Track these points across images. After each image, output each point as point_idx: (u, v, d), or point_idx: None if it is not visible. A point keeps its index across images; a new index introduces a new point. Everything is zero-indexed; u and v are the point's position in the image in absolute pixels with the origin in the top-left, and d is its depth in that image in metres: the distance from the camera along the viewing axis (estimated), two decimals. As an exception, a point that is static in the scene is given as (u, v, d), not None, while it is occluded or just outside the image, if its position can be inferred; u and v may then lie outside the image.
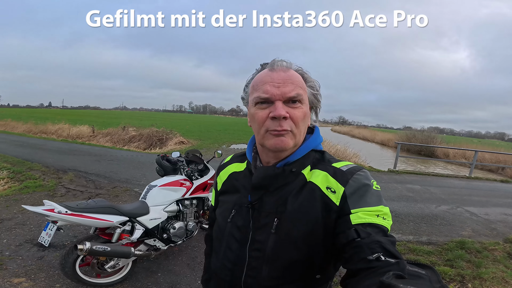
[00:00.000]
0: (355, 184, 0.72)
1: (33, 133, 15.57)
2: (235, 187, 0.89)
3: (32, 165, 6.92)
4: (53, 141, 12.44)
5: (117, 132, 14.24)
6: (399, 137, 25.03)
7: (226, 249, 0.83)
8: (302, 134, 0.78)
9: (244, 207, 0.82)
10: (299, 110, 0.74)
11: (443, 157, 16.99)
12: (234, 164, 0.95)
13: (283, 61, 0.78)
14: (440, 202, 5.97)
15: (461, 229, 4.46)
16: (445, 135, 46.07)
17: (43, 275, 2.59)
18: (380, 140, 29.46)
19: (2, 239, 3.20)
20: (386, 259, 0.58)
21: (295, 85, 0.74)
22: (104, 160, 8.25)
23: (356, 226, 0.66)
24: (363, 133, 36.98)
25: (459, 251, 3.58)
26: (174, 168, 3.19)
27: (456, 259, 3.38)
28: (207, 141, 14.68)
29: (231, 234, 0.83)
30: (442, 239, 4.01)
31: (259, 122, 0.75)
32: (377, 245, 0.61)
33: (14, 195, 4.91)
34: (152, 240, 2.61)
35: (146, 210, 2.59)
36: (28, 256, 2.87)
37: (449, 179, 8.95)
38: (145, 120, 25.28)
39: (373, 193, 0.72)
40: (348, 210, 0.69)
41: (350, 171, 0.75)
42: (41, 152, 8.97)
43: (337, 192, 0.72)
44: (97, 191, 5.35)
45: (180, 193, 2.88)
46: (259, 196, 0.79)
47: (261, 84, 0.75)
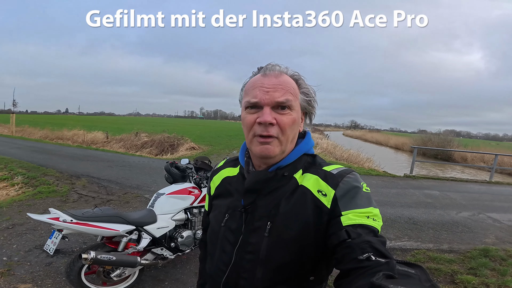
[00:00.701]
0: (345, 187, 0.73)
1: (49, 139, 15.97)
2: (228, 191, 0.90)
3: (46, 171, 7.03)
4: (68, 147, 12.69)
5: (130, 138, 14.45)
6: (413, 141, 24.47)
7: (221, 252, 0.84)
8: (289, 141, 0.78)
9: (237, 211, 0.82)
10: (287, 116, 0.75)
11: (460, 161, 16.45)
12: (227, 168, 0.96)
13: (277, 65, 0.79)
14: (461, 208, 5.72)
15: (484, 236, 4.25)
16: (462, 138, 44.71)
17: (50, 281, 2.56)
18: (394, 144, 28.95)
19: (12, 245, 3.20)
20: (377, 258, 0.59)
21: (285, 90, 0.75)
22: (116, 166, 8.32)
23: (347, 227, 0.67)
24: (376, 137, 36.37)
25: (483, 259, 3.41)
26: (183, 175, 3.13)
27: (479, 267, 3.22)
28: (218, 147, 14.67)
29: (225, 237, 0.83)
30: (464, 247, 3.82)
31: (247, 126, 0.77)
32: (367, 245, 0.62)
33: (27, 200, 4.98)
34: (159, 249, 2.54)
35: (153, 219, 2.52)
36: (36, 262, 2.85)
37: (468, 184, 8.60)
38: (157, 126, 25.59)
39: (363, 195, 0.73)
40: (339, 212, 0.70)
41: (340, 174, 0.76)
42: (56, 157, 9.14)
43: (328, 195, 0.73)
44: (108, 197, 5.36)
45: (188, 201, 2.81)
46: (252, 200, 0.80)
47: (252, 88, 0.76)
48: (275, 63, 0.79)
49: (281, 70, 0.78)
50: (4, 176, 6.50)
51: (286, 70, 0.79)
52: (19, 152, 9.95)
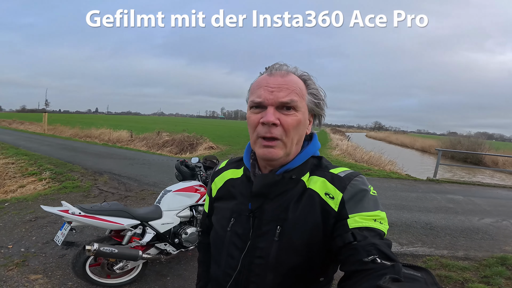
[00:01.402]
0: (353, 190, 0.72)
1: (78, 137, 16.86)
2: (231, 194, 0.88)
3: (73, 167, 7.44)
4: (94, 144, 13.35)
5: (152, 137, 14.92)
6: (442, 143, 23.37)
7: (228, 257, 0.83)
8: (294, 143, 0.76)
9: (244, 215, 0.81)
10: (292, 117, 0.73)
11: (491, 165, 15.49)
12: (230, 170, 0.94)
13: (285, 65, 0.78)
14: (484, 215, 5.41)
15: (504, 244, 4.01)
16: (494, 141, 42.10)
17: (60, 273, 2.71)
18: (421, 147, 27.81)
19: (32, 236, 3.43)
20: (382, 261, 0.58)
21: (290, 90, 0.73)
22: (137, 163, 8.65)
23: (353, 230, 0.67)
24: (401, 139, 35.09)
25: (499, 267, 3.22)
26: (192, 173, 3.21)
27: (494, 276, 3.04)
28: (236, 147, 14.79)
29: (231, 242, 0.82)
30: (481, 254, 3.62)
31: (251, 126, 0.76)
32: (372, 247, 0.61)
33: (53, 194, 5.31)
34: (163, 244, 2.63)
35: (158, 215, 2.62)
36: (51, 254, 3.03)
37: (496, 189, 8.10)
38: (179, 126, 26.22)
39: (370, 198, 0.72)
40: (346, 215, 0.70)
41: (348, 177, 0.75)
42: (83, 155, 9.65)
43: (336, 198, 0.73)
44: (126, 193, 5.59)
45: (194, 199, 2.88)
46: (260, 204, 0.79)
47: (257, 88, 0.76)
48: (282, 63, 0.78)
49: (289, 70, 0.77)
50: (33, 172, 6.96)
51: (294, 70, 0.78)
52: (49, 149, 10.60)
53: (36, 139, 14.04)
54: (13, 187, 6.13)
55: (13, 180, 6.64)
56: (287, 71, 0.77)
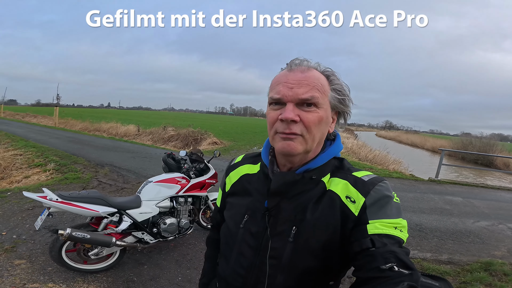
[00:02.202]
0: (376, 195, 0.70)
1: (88, 130, 17.26)
2: (246, 190, 0.86)
3: (77, 159, 7.66)
4: (102, 138, 13.67)
5: (158, 131, 15.14)
6: (453, 144, 22.84)
7: (239, 255, 0.81)
8: (315, 140, 0.73)
9: (259, 212, 0.79)
10: (312, 114, 0.70)
11: (503, 167, 15.06)
12: (246, 165, 0.91)
13: (305, 60, 0.74)
14: (481, 217, 5.30)
15: (494, 249, 3.91)
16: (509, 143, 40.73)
17: (43, 258, 2.82)
18: (431, 147, 27.20)
19: (26, 224, 3.58)
20: (400, 269, 0.57)
21: (311, 86, 0.70)
22: (139, 157, 8.83)
23: (372, 236, 0.65)
24: (411, 138, 34.44)
25: (481, 273, 3.14)
26: (178, 166, 3.29)
27: (473, 281, 2.97)
28: (240, 142, 14.87)
29: (244, 240, 0.80)
30: (466, 258, 3.55)
31: (270, 123, 0.74)
32: (391, 255, 0.60)
33: (54, 185, 5.51)
34: (140, 233, 2.72)
35: (137, 204, 2.71)
36: (39, 241, 3.16)
37: (500, 192, 7.90)
38: (187, 121, 26.47)
39: (393, 205, 0.70)
40: (365, 220, 0.68)
41: (372, 181, 0.73)
42: (88, 148, 9.91)
43: (357, 202, 0.71)
44: (123, 185, 5.75)
45: (174, 190, 2.97)
46: (277, 202, 0.77)
47: (276, 84, 0.73)
48: (303, 58, 0.75)
49: (310, 65, 0.74)
50: (39, 163, 7.21)
51: (316, 66, 0.75)
52: (57, 141, 10.92)
53: (46, 132, 14.45)
54: (18, 178, 6.39)
55: (20, 171, 6.91)
56: (308, 66, 0.73)
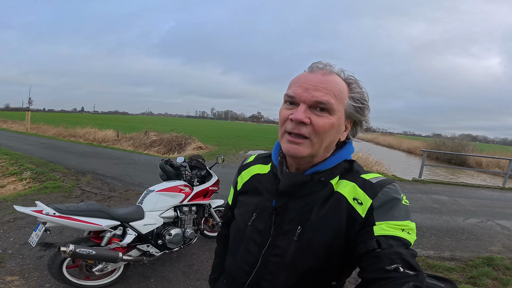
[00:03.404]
0: (384, 197, 0.69)
1: (62, 136, 16.37)
2: (257, 189, 0.87)
3: (55, 167, 7.20)
4: (79, 144, 12.98)
5: (139, 136, 14.65)
6: (427, 144, 23.88)
7: (245, 252, 0.82)
8: (322, 146, 0.73)
9: (267, 211, 0.80)
10: (324, 119, 0.70)
11: (475, 166, 15.87)
12: (257, 165, 0.93)
13: (328, 65, 0.74)
14: (469, 215, 5.51)
15: (490, 244, 4.07)
16: (478, 143, 43.34)
17: (37, 274, 2.59)
18: (407, 148, 28.29)
19: (9, 238, 3.26)
20: (405, 270, 0.57)
21: (328, 91, 0.69)
22: (123, 163, 8.44)
23: (378, 237, 0.64)
24: (388, 140, 35.68)
25: (485, 268, 3.26)
26: (177, 173, 3.12)
27: (480, 276, 3.07)
28: (226, 147, 14.69)
29: (251, 237, 0.82)
30: (467, 254, 3.66)
31: (281, 121, 0.74)
32: (397, 256, 0.59)
33: (33, 195, 5.10)
34: (145, 246, 2.53)
35: (140, 215, 2.52)
36: (28, 255, 2.89)
37: (480, 190, 8.30)
38: (167, 126, 25.90)
39: (401, 208, 0.69)
40: (372, 222, 0.68)
41: (380, 183, 0.72)
42: (66, 154, 9.36)
43: (364, 204, 0.70)
44: (110, 193, 5.43)
45: (178, 199, 2.80)
46: (284, 202, 0.78)
47: (294, 83, 0.73)
48: (327, 62, 0.74)
49: (332, 70, 0.73)
50: (14, 171, 6.70)
51: (339, 72, 0.74)
52: (31, 148, 10.24)
53: (18, 138, 13.56)
54: (-8, 187, 5.88)
55: (-8, 180, 6.38)
56: (330, 71, 0.73)
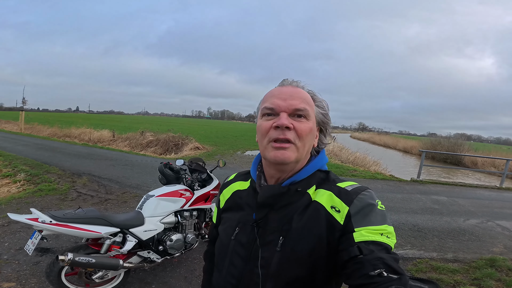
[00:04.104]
0: (360, 204, 0.71)
1: (57, 136, 16.16)
2: (238, 205, 0.89)
3: (49, 168, 7.08)
4: (74, 144, 12.81)
5: (136, 136, 14.49)
6: (423, 144, 24.00)
7: (230, 265, 0.82)
8: (306, 150, 0.77)
9: (248, 224, 0.82)
10: (304, 124, 0.75)
11: (471, 165, 15.99)
12: (237, 182, 0.96)
13: (295, 81, 0.82)
14: (469, 216, 5.51)
15: (492, 245, 4.06)
16: (472, 142, 43.74)
17: (35, 280, 2.52)
18: (403, 147, 28.45)
19: (4, 243, 3.17)
20: (389, 275, 0.58)
21: (302, 99, 0.76)
22: (119, 164, 8.33)
23: (359, 243, 0.65)
24: (384, 139, 35.83)
25: (489, 269, 3.25)
26: (177, 177, 3.05)
27: (484, 277, 3.06)
28: (223, 147, 14.60)
29: (235, 251, 0.82)
30: (470, 256, 3.65)
31: (262, 133, 0.76)
32: (379, 261, 0.61)
33: (27, 197, 4.98)
34: (146, 252, 2.45)
35: (140, 221, 2.44)
36: (25, 261, 2.81)
37: (478, 190, 8.32)
38: (164, 125, 25.73)
39: (377, 213, 0.71)
40: (351, 228, 0.69)
41: (355, 191, 0.75)
42: (61, 155, 9.21)
43: (342, 211, 0.72)
44: (107, 196, 5.33)
45: (178, 204, 2.73)
46: (264, 214, 0.79)
47: (269, 96, 0.78)
48: (292, 79, 0.82)
49: (297, 84, 0.81)
50: (8, 173, 6.57)
51: (303, 85, 0.81)
52: (25, 149, 10.08)
53: (12, 139, 13.36)
54: (-16, 190, 5.74)
55: (-15, 182, 6.23)
56: (297, 85, 0.81)
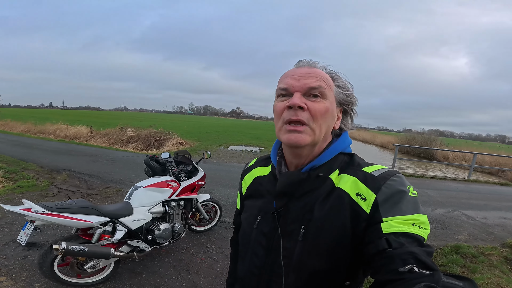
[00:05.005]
0: (388, 191, 0.66)
1: (31, 133, 15.54)
2: (259, 192, 0.87)
3: (27, 165, 6.88)
4: (50, 141, 12.40)
5: (115, 132, 14.20)
6: (399, 139, 24.93)
7: (252, 255, 0.81)
8: (322, 132, 0.72)
9: (269, 213, 0.79)
10: (319, 104, 0.70)
11: (442, 159, 16.87)
12: (258, 168, 0.93)
13: (312, 61, 0.77)
14: (437, 205, 5.88)
15: (457, 233, 4.35)
16: (445, 138, 45.92)
17: (25, 274, 2.55)
18: (380, 143, 29.37)
19: (-13, 238, 3.14)
20: (420, 270, 0.55)
21: (317, 78, 0.71)
22: (99, 160, 8.20)
23: (388, 235, 0.62)
24: (363, 135, 36.86)
25: (454, 256, 3.47)
26: (163, 169, 3.14)
27: (450, 264, 3.28)
28: (206, 142, 14.61)
29: (257, 240, 0.81)
30: (437, 243, 3.90)
31: (277, 114, 0.74)
32: (410, 256, 0.57)
33: (7, 194, 4.87)
34: (136, 241, 2.55)
35: (129, 211, 2.54)
36: (12, 256, 2.82)
37: (447, 182, 8.86)
38: (144, 121, 25.24)
39: (409, 200, 0.65)
40: (379, 218, 0.64)
41: (383, 176, 0.69)
42: (37, 152, 8.94)
43: (368, 199, 0.67)
44: (89, 191, 5.30)
45: (166, 194, 2.83)
46: (284, 202, 0.76)
47: (284, 77, 0.75)
48: (310, 59, 0.77)
49: (315, 65, 0.76)
50: (-17, 170, 6.33)
51: (321, 67, 0.77)
52: (0, 146, 9.68)
53: (-17, 135, 12.74)
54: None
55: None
56: (315, 65, 0.76)
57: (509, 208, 6.13)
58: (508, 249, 3.79)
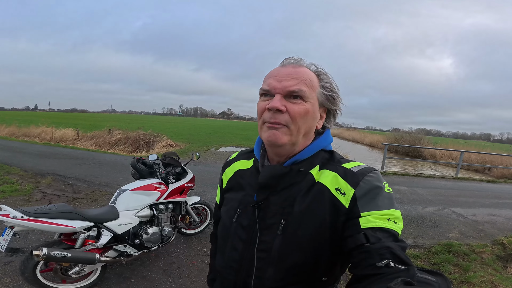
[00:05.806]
0: (366, 186, 0.69)
1: (16, 136, 15.08)
2: (240, 185, 0.87)
3: (10, 169, 6.67)
4: (35, 144, 12.04)
5: (102, 135, 13.91)
6: (387, 138, 25.29)
7: (231, 249, 0.81)
8: (300, 132, 0.74)
9: (249, 206, 0.80)
10: (299, 106, 0.72)
11: (430, 158, 17.18)
12: (240, 161, 0.93)
13: (299, 59, 0.77)
14: (427, 203, 5.94)
15: (448, 231, 4.37)
16: (432, 136, 46.86)
17: (8, 280, 2.46)
18: (369, 142, 29.74)
19: (-33, 246, 2.99)
20: (396, 265, 0.57)
21: (299, 80, 0.72)
22: (86, 163, 8.00)
23: (366, 230, 0.64)
24: (352, 135, 37.29)
25: (446, 254, 3.48)
26: (151, 171, 3.05)
27: (443, 262, 3.29)
28: (196, 144, 14.47)
29: (236, 234, 0.81)
30: (428, 242, 3.91)
31: (258, 113, 0.76)
32: (386, 251, 0.59)
33: (-12, 200, 4.68)
34: (122, 246, 2.46)
35: (114, 215, 2.44)
36: (-8, 263, 2.69)
37: (435, 180, 8.99)
38: (133, 123, 24.86)
39: (384, 196, 0.69)
40: (357, 213, 0.67)
41: (361, 172, 0.72)
42: (21, 155, 8.65)
43: (347, 194, 0.69)
44: (74, 195, 5.14)
45: (153, 197, 2.75)
46: (266, 195, 0.77)
47: (268, 77, 0.76)
48: (298, 57, 0.78)
49: (302, 64, 0.77)
50: (-38, 175, 6.08)
51: (308, 65, 0.77)
52: (-20, 150, 9.34)
53: (-37, 139, 12.28)
54: None
55: None
56: (300, 64, 0.76)
57: (497, 205, 6.25)
58: (499, 246, 3.82)
